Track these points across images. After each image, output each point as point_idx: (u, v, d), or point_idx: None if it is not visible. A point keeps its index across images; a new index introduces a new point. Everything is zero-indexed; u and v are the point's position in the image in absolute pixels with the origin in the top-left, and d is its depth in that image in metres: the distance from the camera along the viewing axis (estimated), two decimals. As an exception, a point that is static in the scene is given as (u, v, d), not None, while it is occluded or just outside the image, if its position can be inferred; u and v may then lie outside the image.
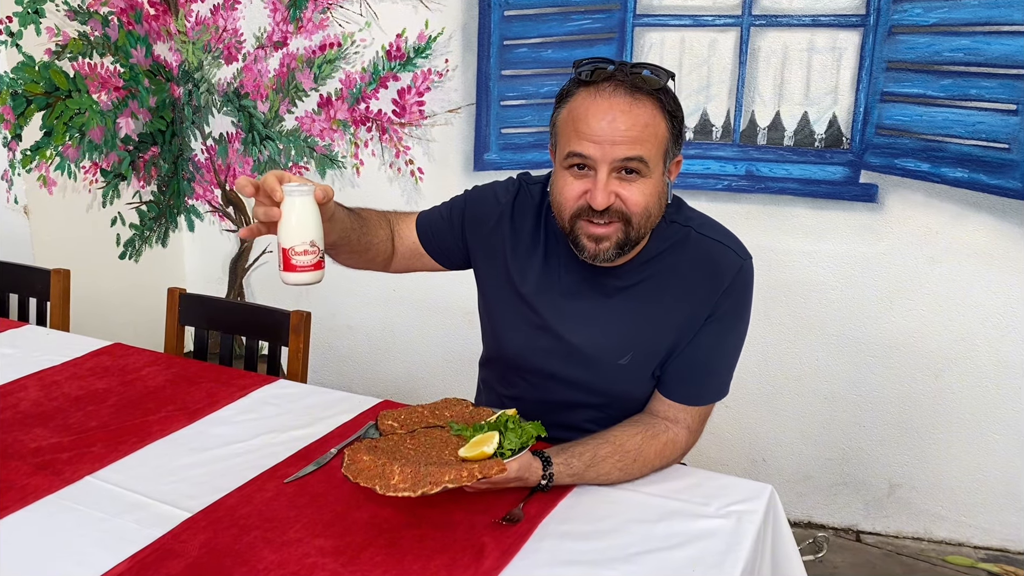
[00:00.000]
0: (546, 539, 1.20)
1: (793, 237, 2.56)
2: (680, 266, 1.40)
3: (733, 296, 1.40)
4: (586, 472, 1.32)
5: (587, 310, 1.43)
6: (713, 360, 1.42)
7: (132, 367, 1.78)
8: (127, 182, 3.02)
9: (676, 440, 1.41)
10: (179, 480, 1.35)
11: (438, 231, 1.53)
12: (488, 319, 1.56)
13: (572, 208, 1.32)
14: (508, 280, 1.47)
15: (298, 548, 1.17)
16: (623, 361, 1.42)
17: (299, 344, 1.85)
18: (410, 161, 2.91)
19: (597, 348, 1.43)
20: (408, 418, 1.40)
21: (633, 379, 1.44)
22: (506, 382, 1.57)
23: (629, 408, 1.47)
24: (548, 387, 1.50)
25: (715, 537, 1.21)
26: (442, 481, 1.14)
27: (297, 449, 1.45)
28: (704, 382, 1.43)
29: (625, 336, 1.42)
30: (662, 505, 1.29)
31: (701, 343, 1.40)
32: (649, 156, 1.27)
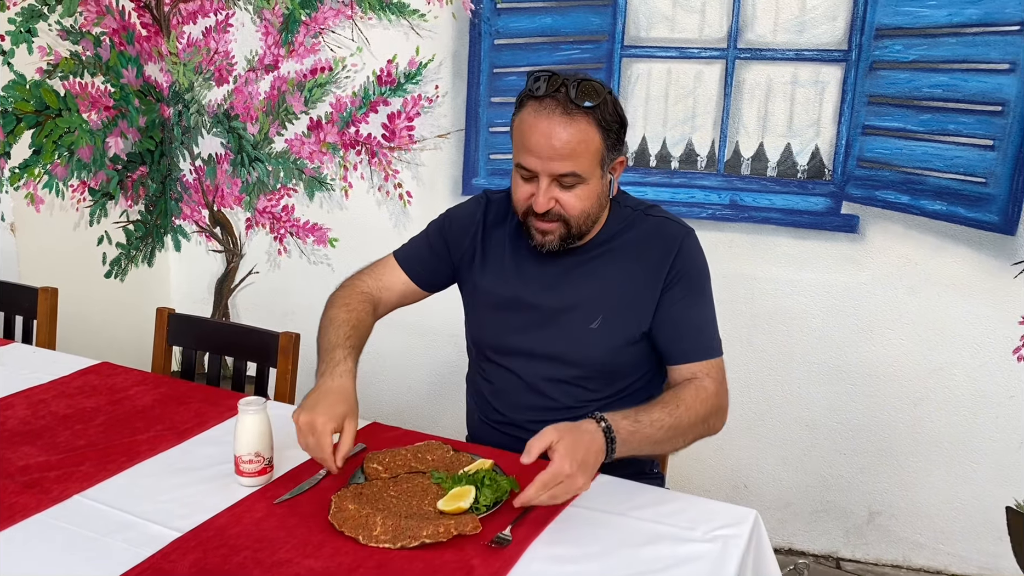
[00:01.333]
0: (534, 562, 1.22)
1: (776, 266, 2.60)
2: (633, 240, 1.57)
3: (684, 259, 1.55)
4: (638, 423, 1.37)
5: (552, 280, 1.58)
6: (693, 316, 1.55)
7: (120, 386, 1.78)
8: (115, 201, 3.02)
9: (704, 386, 1.50)
10: (168, 500, 1.35)
11: (426, 263, 1.70)
12: (470, 315, 1.70)
13: (523, 207, 1.51)
14: (483, 272, 1.64)
15: (288, 569, 1.18)
16: (594, 325, 1.55)
17: (287, 365, 1.86)
18: (399, 185, 2.93)
19: (567, 312, 1.56)
20: (392, 461, 1.45)
21: (607, 346, 1.55)
22: (490, 373, 1.67)
23: (611, 383, 1.59)
24: (530, 367, 1.60)
25: (700, 561, 1.23)
26: (420, 536, 1.22)
27: (287, 470, 1.46)
28: (695, 336, 1.55)
29: (590, 300, 1.55)
30: (649, 529, 1.31)
31: (674, 305, 1.54)
32: (583, 169, 1.44)
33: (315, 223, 3.08)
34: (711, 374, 1.53)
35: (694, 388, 1.50)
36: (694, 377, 1.53)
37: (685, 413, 1.45)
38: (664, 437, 1.42)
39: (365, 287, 1.68)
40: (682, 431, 1.44)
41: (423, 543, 1.22)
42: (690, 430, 1.46)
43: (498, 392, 1.66)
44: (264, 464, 1.39)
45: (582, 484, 1.27)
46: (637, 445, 1.38)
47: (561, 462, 1.25)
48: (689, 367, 1.54)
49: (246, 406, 1.39)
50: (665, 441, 1.43)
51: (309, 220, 3.09)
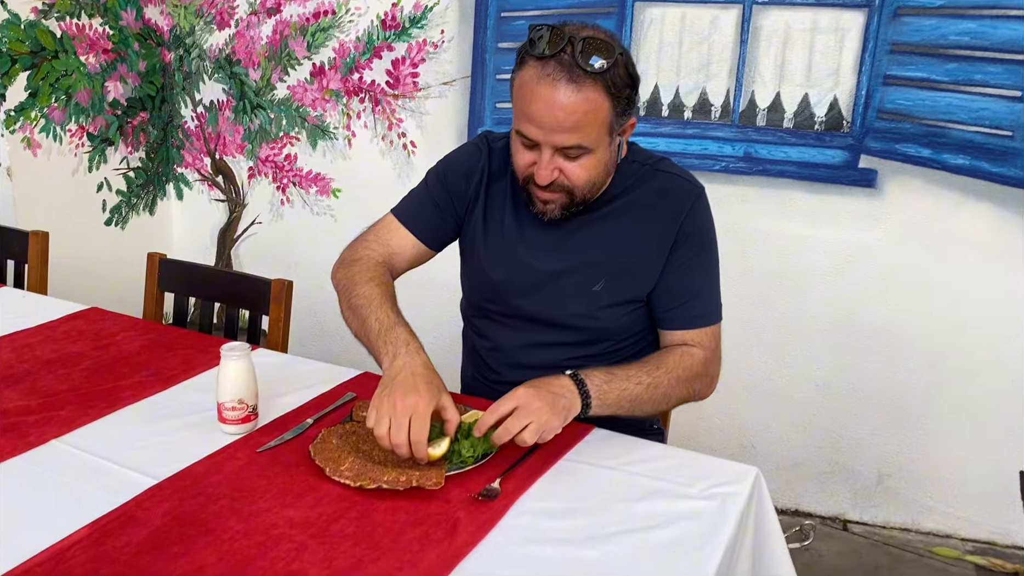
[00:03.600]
0: (522, 516, 1.17)
1: (790, 221, 2.52)
2: (641, 198, 1.47)
3: (694, 219, 1.46)
4: (612, 375, 1.34)
5: (556, 242, 1.49)
6: (695, 281, 1.48)
7: (107, 332, 1.74)
8: (114, 147, 2.97)
9: (691, 352, 1.45)
10: (148, 446, 1.31)
11: (431, 220, 1.57)
12: (467, 271, 1.60)
13: (523, 174, 1.40)
14: (485, 232, 1.54)
15: (266, 518, 1.13)
16: (597, 288, 1.47)
17: (280, 313, 1.81)
18: (403, 134, 2.86)
19: (570, 275, 1.48)
20: None
21: (611, 309, 1.48)
22: (486, 330, 1.60)
23: (615, 347, 1.53)
24: (527, 331, 1.53)
25: (697, 519, 1.18)
26: (379, 480, 1.19)
27: (273, 418, 1.41)
28: (693, 302, 1.48)
29: (595, 262, 1.47)
30: (644, 485, 1.25)
31: (677, 268, 1.47)
32: (589, 140, 1.32)
33: (318, 173, 3.02)
34: (702, 342, 1.47)
35: (679, 352, 1.45)
36: (683, 343, 1.48)
37: (665, 375, 1.40)
38: (643, 395, 1.37)
39: (377, 256, 1.54)
40: (662, 391, 1.40)
41: (380, 487, 1.18)
42: (671, 390, 1.41)
43: (494, 351, 1.60)
44: (247, 412, 1.35)
45: (547, 418, 1.23)
46: (615, 400, 1.34)
47: (517, 390, 1.25)
48: (680, 334, 1.49)
49: (229, 352, 1.34)
50: (646, 400, 1.38)
51: (312, 170, 3.02)
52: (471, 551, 1.08)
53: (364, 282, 1.46)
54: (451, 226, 1.59)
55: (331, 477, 1.22)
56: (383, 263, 1.54)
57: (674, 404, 1.46)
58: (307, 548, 1.07)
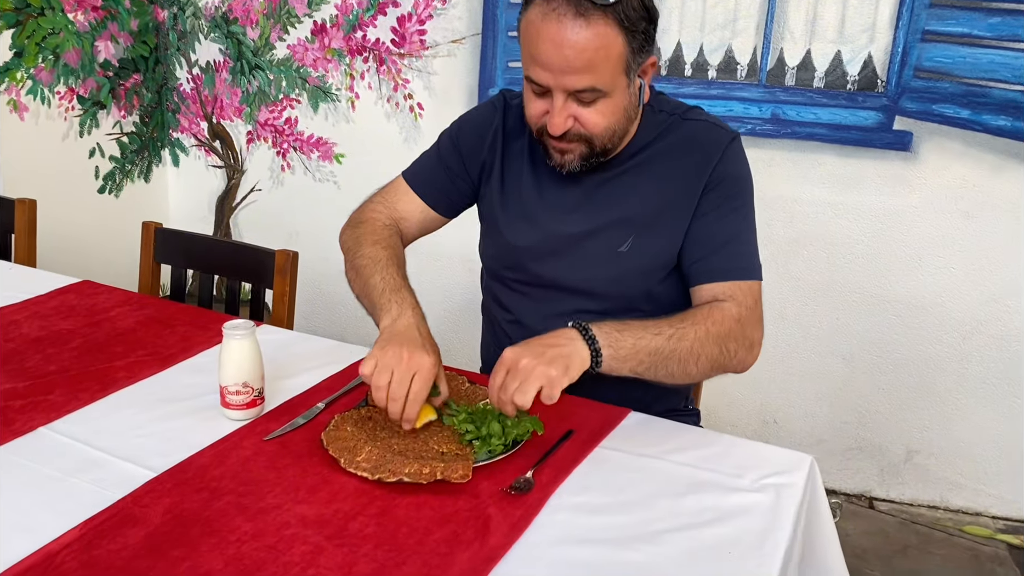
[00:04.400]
0: (559, 512, 1.06)
1: (818, 187, 2.40)
2: (669, 149, 1.36)
3: (727, 165, 1.34)
4: (627, 326, 1.19)
5: (578, 201, 1.38)
6: (727, 227, 1.33)
7: (100, 307, 1.62)
8: (106, 111, 2.82)
9: (723, 307, 1.28)
10: (145, 434, 1.20)
11: (442, 184, 1.48)
12: (485, 238, 1.50)
13: (536, 125, 1.30)
14: (503, 195, 1.44)
15: (276, 516, 1.02)
16: (623, 248, 1.36)
17: (285, 287, 1.69)
18: (409, 95, 2.72)
19: (593, 235, 1.37)
20: None
21: (639, 272, 1.36)
22: (507, 301, 1.49)
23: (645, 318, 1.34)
24: (549, 300, 1.42)
25: (751, 514, 1.07)
26: (399, 473, 1.08)
27: (280, 402, 1.30)
28: (725, 254, 1.32)
29: (619, 220, 1.36)
30: (690, 476, 1.14)
31: (707, 214, 1.33)
32: (603, 82, 1.21)
33: (320, 137, 2.88)
34: (736, 297, 1.29)
35: (708, 307, 1.28)
36: (713, 299, 1.30)
37: (691, 327, 1.22)
38: (665, 348, 1.19)
39: (384, 218, 1.47)
40: (688, 344, 1.21)
41: (401, 479, 1.07)
42: (700, 346, 1.22)
43: (515, 324, 1.48)
44: (253, 396, 1.23)
45: (540, 372, 1.09)
46: (631, 351, 1.17)
47: (504, 353, 1.13)
48: (710, 288, 1.31)
49: (232, 330, 1.22)
50: (669, 355, 1.20)
51: (313, 134, 2.89)
52: (506, 553, 0.97)
53: (370, 243, 1.39)
54: (464, 191, 1.49)
55: (346, 469, 1.11)
56: (391, 226, 1.46)
57: (706, 367, 1.24)
58: (323, 551, 0.97)
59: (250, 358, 1.22)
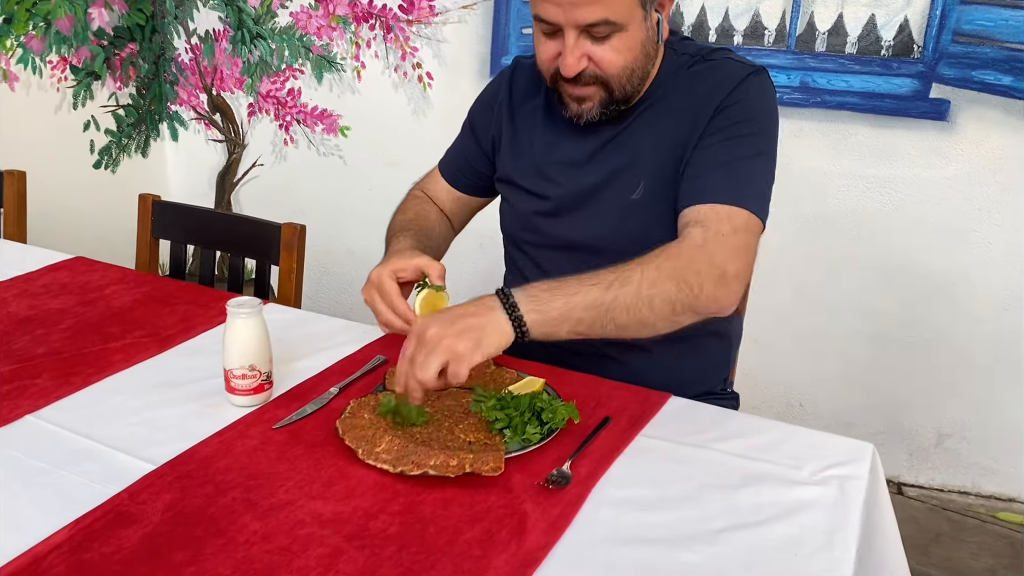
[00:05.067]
0: (603, 507, 0.95)
1: (848, 159, 2.28)
2: (685, 87, 1.25)
3: (739, 95, 1.20)
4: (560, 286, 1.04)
5: (591, 153, 1.29)
6: (721, 154, 1.18)
7: (95, 285, 1.51)
8: (101, 82, 2.70)
9: (685, 236, 1.13)
10: (142, 422, 1.09)
11: (462, 165, 1.47)
12: (504, 203, 1.44)
13: (549, 69, 1.21)
14: (515, 158, 1.37)
15: (289, 514, 0.92)
16: (636, 196, 1.26)
17: (292, 263, 1.58)
18: (418, 64, 2.59)
19: (606, 186, 1.28)
20: None
21: (652, 221, 1.24)
22: (528, 271, 1.39)
23: None
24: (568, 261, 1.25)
25: (815, 511, 0.96)
26: (424, 465, 0.98)
27: (289, 387, 1.19)
28: (712, 176, 1.17)
29: (632, 166, 1.26)
30: (744, 467, 1.04)
31: (705, 142, 1.20)
32: (617, 14, 1.12)
33: (324, 109, 2.76)
34: (707, 221, 1.12)
35: (668, 244, 1.12)
36: (685, 227, 1.15)
37: (638, 267, 1.06)
38: (605, 299, 1.03)
39: (418, 192, 1.51)
40: (632, 288, 1.04)
41: (426, 472, 0.97)
42: (651, 287, 1.04)
43: None
44: (260, 380, 1.13)
45: (445, 345, 0.97)
46: (563, 310, 1.02)
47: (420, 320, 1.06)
48: (685, 214, 1.16)
49: (237, 308, 1.11)
50: (611, 305, 1.03)
51: (318, 106, 2.77)
52: (547, 555, 0.87)
53: (394, 216, 1.42)
54: (485, 172, 1.45)
55: (364, 461, 1.00)
56: (422, 197, 1.50)
57: (665, 311, 1.05)
58: (342, 554, 0.86)
59: (257, 339, 1.12)
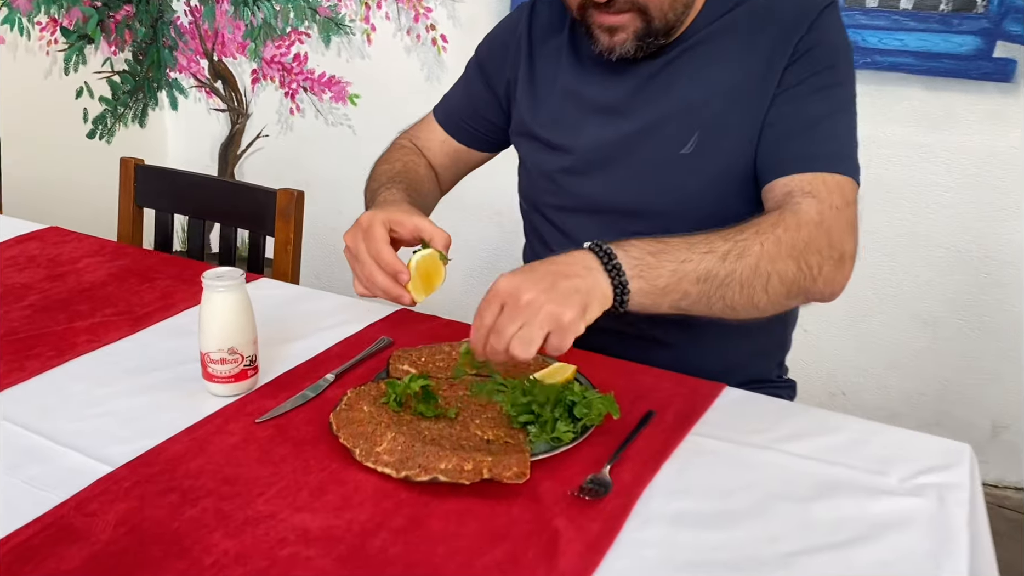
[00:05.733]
0: (651, 524, 0.78)
1: (901, 126, 2.09)
2: (745, 21, 1.07)
3: (818, 35, 1.03)
4: (664, 244, 0.88)
5: (629, 95, 1.10)
6: (811, 110, 1.02)
7: (67, 257, 1.35)
8: (95, 46, 2.54)
9: (799, 208, 0.96)
10: (104, 414, 0.93)
11: (464, 111, 1.29)
12: (522, 164, 1.25)
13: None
14: (534, 104, 1.18)
15: (269, 529, 0.75)
16: (687, 150, 1.07)
17: (289, 233, 1.41)
18: (432, 26, 2.43)
19: (648, 135, 1.09)
20: (430, 362, 1.03)
21: (708, 179, 1.07)
22: (551, 240, 1.21)
23: None
24: (600, 228, 1.11)
25: (911, 527, 0.79)
26: (434, 470, 0.81)
27: (279, 373, 1.03)
28: (807, 138, 1.01)
29: (681, 113, 1.07)
30: (817, 472, 0.86)
31: (788, 97, 1.03)
32: None
33: (332, 75, 2.59)
34: (818, 193, 0.98)
35: (779, 211, 0.97)
36: (789, 196, 0.99)
37: (756, 237, 0.91)
38: (720, 271, 0.88)
39: (405, 142, 1.31)
40: (751, 261, 0.89)
41: (435, 478, 0.80)
42: (770, 263, 0.90)
43: None
44: (242, 365, 0.96)
45: (547, 312, 0.80)
46: (671, 278, 0.87)
47: (497, 281, 0.84)
48: (784, 182, 1.00)
49: (215, 281, 0.95)
50: (726, 279, 0.88)
51: (325, 72, 2.60)
52: (585, 587, 0.70)
53: (377, 165, 1.24)
54: (491, 118, 1.26)
55: (362, 463, 0.84)
56: (410, 148, 1.30)
57: (780, 293, 0.92)
58: (332, 582, 0.70)
59: (238, 316, 0.95)
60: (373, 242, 0.98)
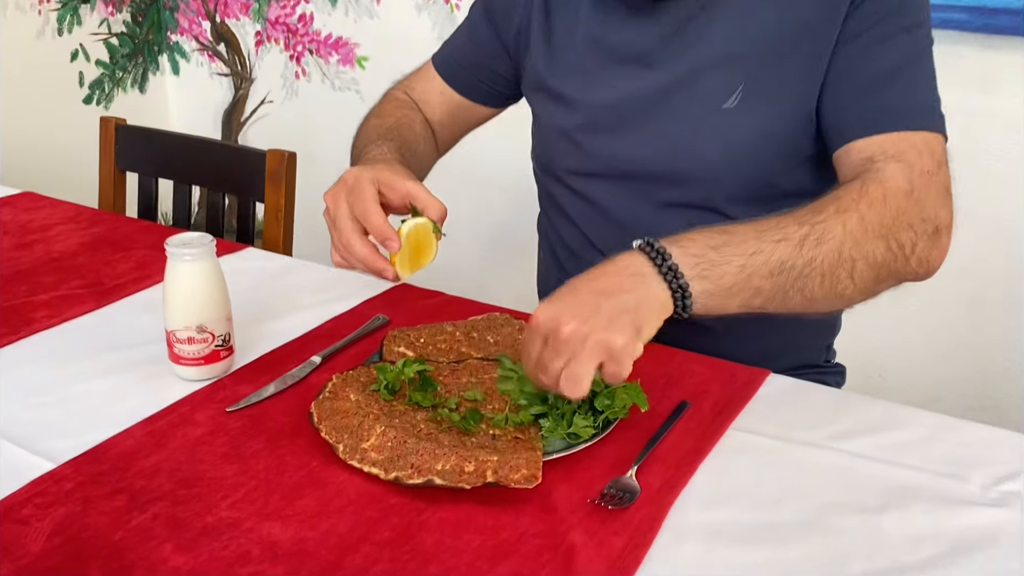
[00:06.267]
0: (686, 539, 0.65)
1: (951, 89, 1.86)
2: None
3: None
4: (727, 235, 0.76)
5: (661, 41, 0.95)
6: (887, 59, 0.88)
7: (37, 224, 1.23)
8: (90, 6, 2.41)
9: (883, 176, 0.83)
10: (53, 402, 0.81)
11: (466, 59, 1.15)
12: (537, 124, 1.10)
13: None
14: (550, 54, 1.04)
15: (231, 541, 0.63)
16: (730, 103, 0.92)
17: (279, 199, 1.29)
18: (444, -17, 2.28)
19: (685, 87, 0.94)
20: (430, 343, 0.90)
21: (751, 142, 0.93)
22: (570, 207, 1.07)
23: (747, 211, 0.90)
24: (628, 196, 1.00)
25: (1000, 544, 0.65)
26: (430, 471, 0.69)
27: (258, 355, 0.90)
28: (886, 93, 0.87)
29: (725, 61, 0.92)
30: (884, 477, 0.73)
31: (857, 45, 0.88)
32: None
33: (339, 37, 2.46)
34: (905, 156, 0.85)
35: (860, 182, 0.83)
36: (871, 161, 0.85)
37: (837, 218, 0.78)
38: (798, 259, 0.75)
39: (399, 94, 1.18)
40: (833, 246, 0.77)
41: (430, 481, 0.68)
42: (854, 246, 0.77)
43: (584, 236, 1.06)
44: (213, 345, 0.84)
45: (595, 341, 0.68)
46: (739, 276, 0.74)
47: (537, 312, 0.71)
48: (863, 145, 0.86)
49: (180, 248, 0.82)
50: (806, 271, 0.76)
51: (331, 33, 2.46)
52: (607, 621, 0.57)
53: (367, 120, 1.11)
54: (496, 67, 1.12)
55: (346, 461, 0.72)
56: (404, 100, 1.16)
57: (868, 279, 0.80)
58: (300, 610, 0.57)
59: (207, 289, 0.83)
60: (361, 202, 0.84)
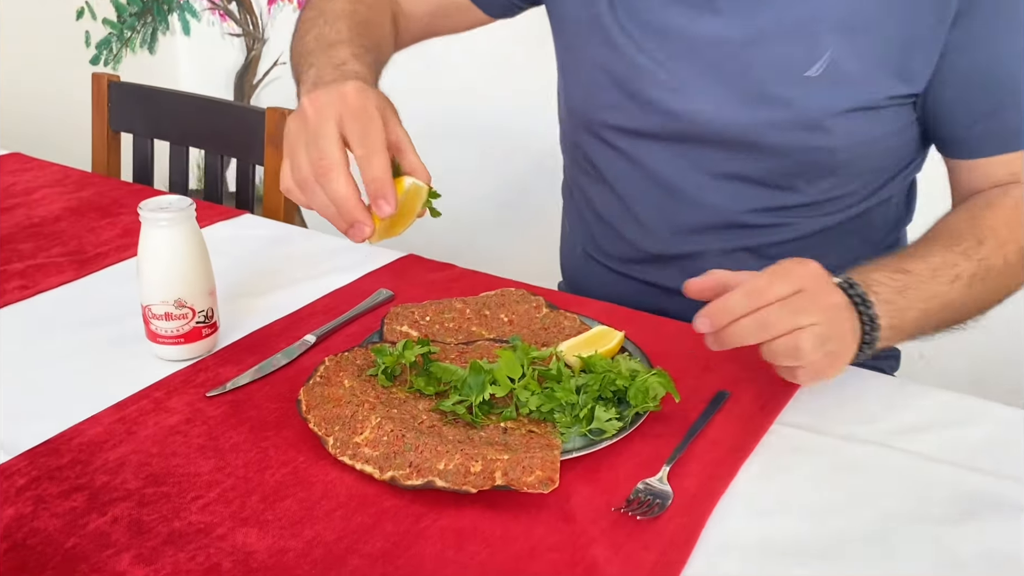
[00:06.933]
0: (727, 554, 0.56)
1: None
2: None
3: None
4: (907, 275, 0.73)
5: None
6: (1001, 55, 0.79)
7: (22, 187, 1.15)
8: (97, -39, 2.32)
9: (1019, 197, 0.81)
10: (12, 382, 0.73)
11: None
12: (570, 71, 0.96)
13: None
14: None
15: (198, 551, 0.55)
16: (813, 71, 0.81)
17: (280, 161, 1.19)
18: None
19: (763, 46, 0.82)
20: (437, 322, 0.80)
21: (840, 113, 0.82)
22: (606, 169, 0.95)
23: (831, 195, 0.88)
24: (682, 156, 0.88)
25: (1100, 572, 0.56)
26: (430, 471, 0.60)
27: (247, 332, 0.81)
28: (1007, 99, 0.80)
29: (811, 22, 0.81)
30: (955, 481, 0.63)
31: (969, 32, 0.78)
32: None
33: (354, -5, 2.34)
34: None
35: (1004, 204, 0.80)
36: (1012, 181, 0.82)
37: (998, 252, 0.77)
38: (967, 298, 0.75)
39: None
40: (993, 285, 0.77)
41: (430, 483, 0.59)
42: (1012, 279, 0.79)
43: (623, 203, 0.94)
44: (194, 322, 0.75)
45: (817, 370, 0.66)
46: (918, 319, 0.73)
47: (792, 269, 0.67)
48: (997, 163, 0.82)
49: (154, 213, 0.73)
50: (965, 306, 0.77)
51: (346, -9, 2.35)
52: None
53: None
54: None
55: (337, 457, 0.63)
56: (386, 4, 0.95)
57: (998, 300, 0.83)
58: (273, 638, 0.49)
59: (186, 259, 0.74)
60: (366, 135, 0.66)
